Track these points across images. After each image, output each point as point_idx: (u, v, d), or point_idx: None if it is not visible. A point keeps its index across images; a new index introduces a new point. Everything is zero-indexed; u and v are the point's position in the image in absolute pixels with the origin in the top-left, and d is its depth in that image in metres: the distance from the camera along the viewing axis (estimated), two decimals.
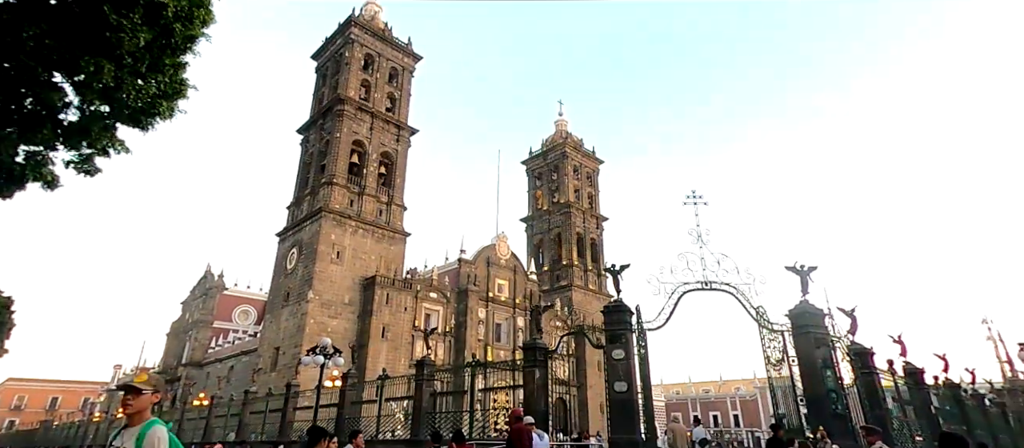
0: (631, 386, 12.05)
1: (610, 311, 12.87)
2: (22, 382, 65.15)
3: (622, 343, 12.42)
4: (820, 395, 11.10)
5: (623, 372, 12.19)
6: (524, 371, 13.84)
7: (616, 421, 11.97)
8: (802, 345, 11.65)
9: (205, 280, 59.27)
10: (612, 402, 12.18)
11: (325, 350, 14.95)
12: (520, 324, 52.77)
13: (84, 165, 11.45)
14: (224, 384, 46.54)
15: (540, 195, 65.99)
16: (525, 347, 14.48)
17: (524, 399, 13.61)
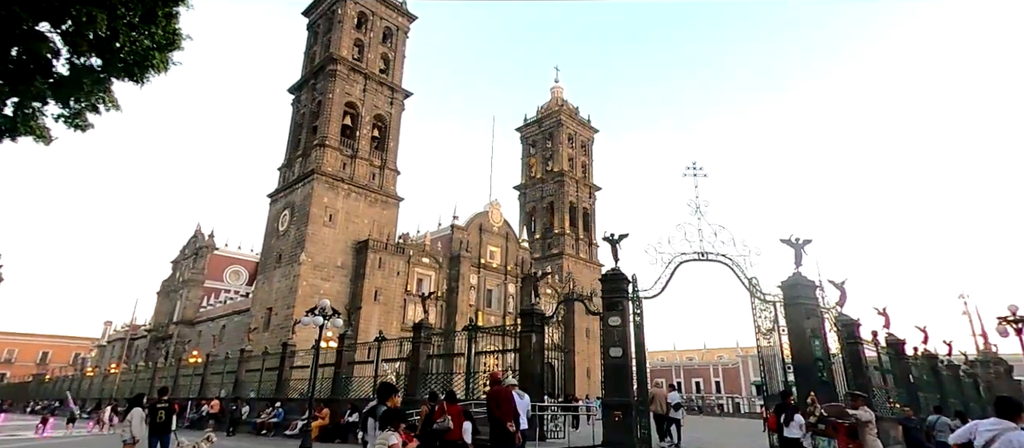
0: (626, 351, 12.40)
1: (608, 279, 13.09)
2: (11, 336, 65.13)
3: (619, 310, 12.70)
4: (808, 363, 11.53)
5: (619, 338, 12.51)
6: (521, 336, 14.14)
7: (610, 384, 12.37)
8: (793, 315, 12.01)
9: (195, 240, 58.87)
10: (607, 366, 12.54)
11: (324, 311, 15.09)
12: (511, 291, 53.43)
13: (75, 120, 11.19)
14: (217, 343, 46.85)
15: (534, 163, 65.72)
16: (522, 313, 14.74)
17: (520, 362, 13.96)
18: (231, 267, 58.55)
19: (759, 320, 13.06)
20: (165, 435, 9.72)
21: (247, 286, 56.64)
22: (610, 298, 12.93)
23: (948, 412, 12.66)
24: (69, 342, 71.30)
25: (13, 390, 54.29)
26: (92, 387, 39.28)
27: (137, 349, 58.95)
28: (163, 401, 10.04)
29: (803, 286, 12.24)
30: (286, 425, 19.06)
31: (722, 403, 60.49)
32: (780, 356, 12.21)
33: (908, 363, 15.12)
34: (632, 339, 12.57)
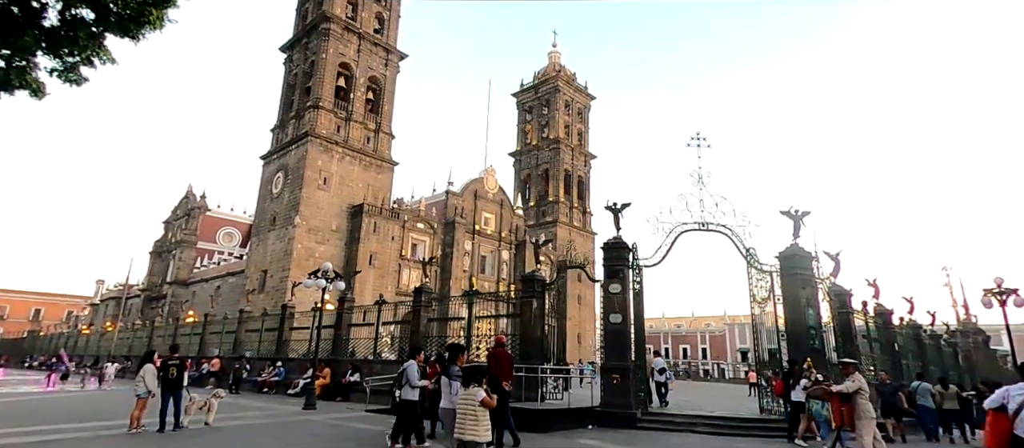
0: (625, 318, 12.72)
1: (610, 247, 13.29)
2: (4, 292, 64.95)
3: (619, 278, 12.95)
4: (801, 331, 11.92)
5: (619, 305, 12.81)
6: (522, 302, 14.40)
7: (610, 349, 12.74)
8: (789, 285, 12.33)
9: (187, 201, 58.25)
10: (607, 332, 12.89)
11: (326, 274, 15.22)
12: (505, 257, 53.86)
13: (68, 74, 10.94)
14: (214, 303, 47.08)
15: (529, 129, 65.14)
16: (524, 279, 14.97)
17: (521, 327, 14.26)
18: (224, 229, 58.22)
19: (755, 289, 13.39)
20: (177, 390, 9.94)
21: (240, 248, 56.53)
22: (611, 266, 13.16)
23: (930, 379, 13.25)
24: (62, 300, 71.32)
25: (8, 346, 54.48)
26: (88, 345, 39.52)
27: (131, 308, 59.04)
28: (174, 358, 10.22)
29: (800, 257, 12.52)
30: (288, 384, 19.45)
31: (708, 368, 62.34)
32: (775, 324, 12.59)
33: (894, 332, 15.69)
34: (631, 306, 12.87)
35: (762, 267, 13.06)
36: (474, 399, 5.23)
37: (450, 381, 5.86)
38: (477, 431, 5.13)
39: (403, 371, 7.88)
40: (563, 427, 11.33)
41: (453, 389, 5.80)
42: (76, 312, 67.09)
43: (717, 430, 11.46)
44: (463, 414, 5.17)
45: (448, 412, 5.79)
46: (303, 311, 22.58)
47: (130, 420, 9.60)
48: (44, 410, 13.23)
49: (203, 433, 9.63)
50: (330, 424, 11.52)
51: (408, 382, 7.68)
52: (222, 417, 11.23)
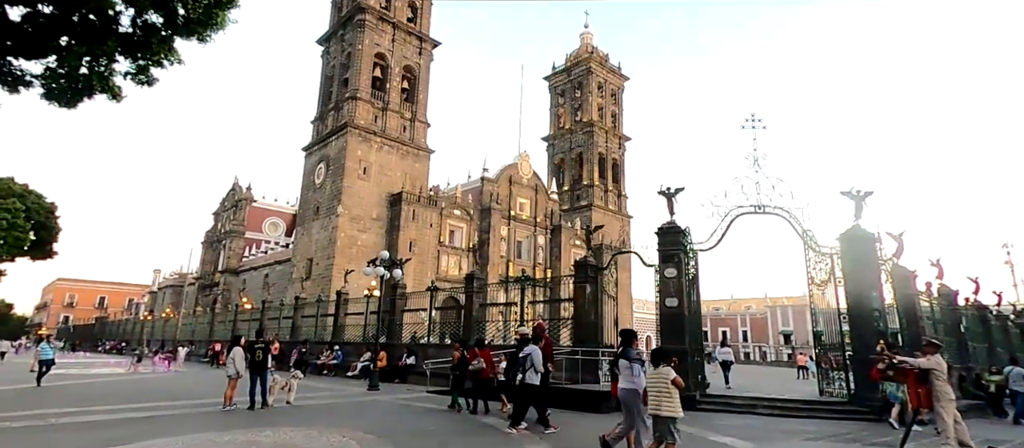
0: (681, 302, 12.83)
1: (664, 232, 13.36)
2: (72, 282, 69.74)
3: (674, 262, 13.03)
4: (864, 314, 11.75)
5: (674, 289, 12.92)
6: (575, 287, 14.66)
7: (666, 332, 12.90)
8: (851, 267, 12.13)
9: (234, 192, 60.70)
10: (663, 316, 13.04)
11: (384, 262, 15.83)
12: (540, 242, 54.12)
13: (140, 76, 11.72)
14: (269, 289, 49.27)
15: (562, 113, 64.66)
16: (577, 264, 15.21)
17: (575, 312, 14.55)
18: (269, 219, 60.48)
19: (813, 272, 13.24)
20: (263, 371, 10.69)
21: (285, 237, 58.65)
22: (666, 250, 13.24)
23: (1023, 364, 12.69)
24: (123, 288, 76.08)
25: (80, 331, 58.54)
26: (153, 330, 42.07)
27: (186, 296, 62.34)
28: (260, 342, 10.96)
29: (863, 238, 12.29)
30: (346, 366, 20.40)
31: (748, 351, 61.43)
32: (836, 307, 12.44)
33: (959, 314, 15.24)
34: (686, 290, 12.97)
35: (821, 249, 12.89)
36: (666, 378, 5.66)
37: (630, 363, 6.17)
38: (672, 407, 5.59)
39: (527, 356, 8.24)
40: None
41: (633, 371, 6.11)
42: (136, 300, 71.31)
43: (778, 412, 11.52)
44: (657, 393, 5.62)
45: (629, 392, 6.09)
46: (356, 298, 23.51)
47: (224, 398, 10.40)
48: (136, 390, 14.37)
49: (289, 411, 10.34)
50: (400, 404, 12.15)
51: (532, 366, 8.11)
52: (296, 397, 12.00)
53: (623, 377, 6.22)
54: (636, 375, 6.13)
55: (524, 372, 8.23)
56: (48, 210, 40.56)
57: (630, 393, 6.10)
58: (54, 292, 73.64)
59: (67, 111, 12.38)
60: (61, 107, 12.04)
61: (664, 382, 5.68)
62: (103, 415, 9.30)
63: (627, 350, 6.34)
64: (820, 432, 9.33)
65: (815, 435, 9.02)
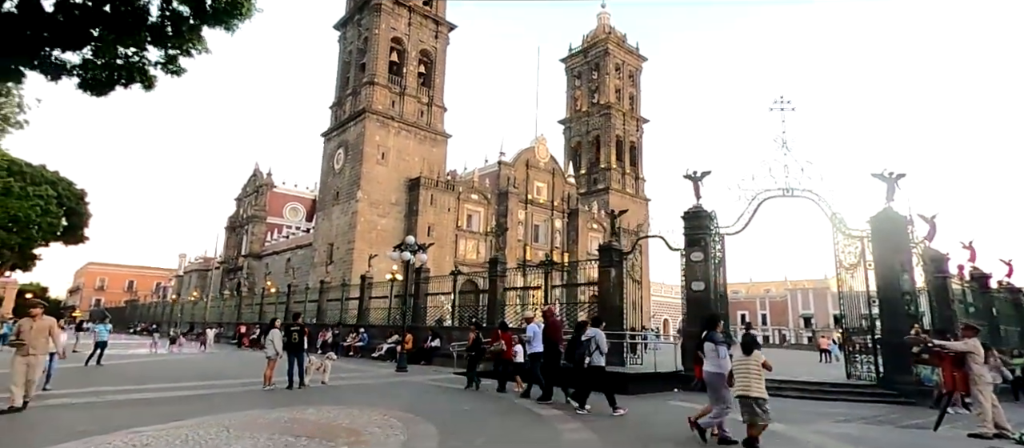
0: (708, 285, 12.87)
1: (690, 216, 13.34)
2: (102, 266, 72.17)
3: (701, 246, 13.04)
4: (894, 298, 11.66)
5: (700, 273, 12.95)
6: (599, 271, 14.76)
7: (693, 316, 12.96)
8: (882, 250, 12.00)
9: (255, 178, 61.70)
10: (689, 300, 13.09)
11: (410, 247, 16.09)
12: (557, 226, 54.14)
13: (170, 65, 12.02)
14: (294, 273, 50.30)
15: (579, 95, 64.04)
16: (601, 249, 15.29)
17: (599, 296, 14.67)
18: (290, 204, 61.45)
19: (842, 255, 13.14)
20: (300, 353, 11.07)
21: (306, 222, 59.59)
22: (692, 234, 13.24)
23: None
24: (151, 272, 78.56)
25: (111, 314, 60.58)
26: (182, 313, 43.36)
27: (211, 279, 63.94)
28: (296, 324, 11.33)
29: (894, 221, 12.13)
30: (371, 348, 20.89)
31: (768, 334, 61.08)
32: (866, 290, 12.35)
33: (991, 297, 15.01)
34: (712, 274, 12.98)
35: (851, 232, 12.76)
36: (756, 362, 5.91)
37: (716, 346, 6.33)
38: (762, 389, 5.89)
39: (591, 339, 8.59)
40: (651, 390, 11.78)
41: (720, 353, 6.28)
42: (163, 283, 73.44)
43: (806, 394, 11.58)
44: (747, 375, 5.88)
45: (716, 375, 6.27)
46: (380, 282, 23.93)
47: (264, 378, 10.81)
48: (178, 369, 14.96)
49: (325, 391, 10.71)
50: (431, 384, 12.47)
51: (598, 349, 8.48)
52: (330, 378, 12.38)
53: (709, 360, 6.35)
54: (722, 358, 6.29)
55: (590, 354, 8.55)
56: (78, 196, 41.81)
57: (716, 376, 6.29)
58: (86, 276, 76.34)
59: (97, 99, 12.82)
60: (94, 96, 12.45)
61: (755, 366, 5.91)
62: (154, 393, 9.76)
63: (713, 334, 6.45)
64: (850, 414, 9.38)
65: (846, 417, 9.08)
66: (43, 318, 7.75)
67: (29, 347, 7.44)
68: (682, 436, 7.26)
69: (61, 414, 7.45)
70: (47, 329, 7.81)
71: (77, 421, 6.89)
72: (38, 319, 7.66)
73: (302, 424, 6.92)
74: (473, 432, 6.98)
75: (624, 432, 7.22)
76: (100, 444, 5.38)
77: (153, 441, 5.61)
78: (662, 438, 6.95)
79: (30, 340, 7.49)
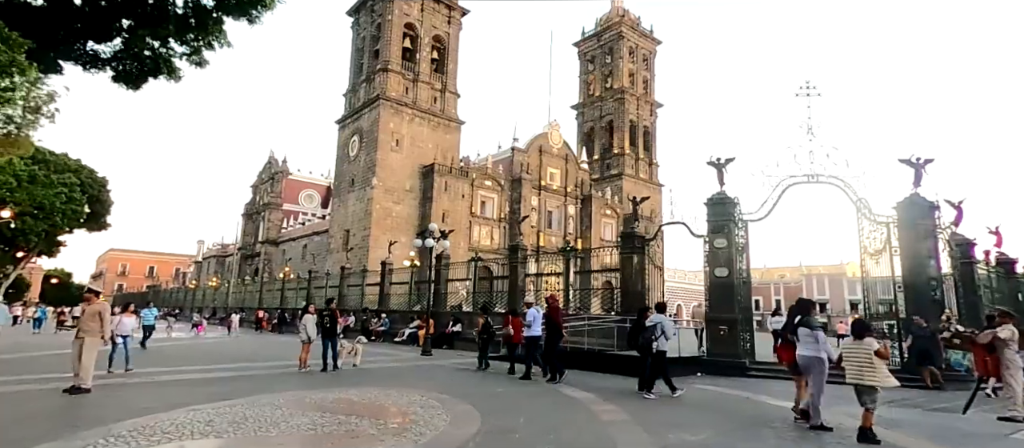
0: (731, 271, 12.95)
1: (714, 203, 13.38)
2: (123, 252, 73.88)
3: (725, 232, 13.10)
4: (921, 283, 11.66)
5: (724, 259, 13.03)
6: (622, 257, 14.91)
7: (716, 301, 13.09)
8: (908, 236, 11.97)
9: (270, 166, 62.35)
10: (713, 285, 13.19)
11: (433, 234, 16.34)
12: (570, 212, 54.16)
13: (193, 56, 12.29)
14: (300, 262, 51.05)
15: (592, 80, 63.50)
16: (623, 235, 15.42)
17: (622, 281, 14.84)
18: (305, 191, 62.09)
19: (866, 241, 13.11)
20: (333, 337, 11.41)
21: (321, 208, 60.24)
22: (716, 221, 13.29)
23: None
24: (170, 258, 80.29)
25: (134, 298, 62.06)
26: (204, 298, 44.33)
27: (229, 266, 65.07)
28: (328, 310, 11.66)
29: (921, 207, 12.07)
30: (393, 333, 21.30)
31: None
32: (891, 276, 12.35)
33: (1017, 282, 14.93)
34: (735, 260, 13.07)
35: (877, 218, 12.73)
36: (869, 349, 5.85)
37: (812, 331, 6.45)
38: (876, 377, 5.81)
39: (657, 324, 8.89)
40: (675, 373, 11.90)
41: (817, 339, 6.36)
42: (182, 269, 74.99)
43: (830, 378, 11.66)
44: (859, 363, 5.85)
45: (812, 358, 6.36)
46: (400, 268, 24.31)
47: (299, 361, 11.18)
48: (215, 352, 15.45)
49: (358, 373, 11.05)
50: (457, 368, 12.78)
51: (663, 334, 8.81)
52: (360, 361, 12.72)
53: (805, 344, 6.40)
54: (820, 343, 6.34)
55: (655, 340, 8.83)
56: (100, 184, 42.66)
57: (812, 360, 6.34)
58: (108, 262, 78.14)
59: (132, 92, 13.13)
60: (128, 88, 12.74)
61: (867, 352, 5.82)
62: (197, 374, 10.17)
63: (808, 319, 6.53)
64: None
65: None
66: (94, 303, 8.10)
67: (81, 330, 7.82)
68: (710, 416, 7.47)
69: (120, 393, 7.84)
70: (97, 313, 8.17)
71: (137, 399, 7.25)
72: (91, 304, 8.02)
73: (349, 404, 7.21)
74: (511, 413, 7.22)
75: (658, 414, 7.42)
76: (165, 420, 5.70)
77: (216, 417, 5.92)
78: (693, 420, 7.15)
79: (82, 324, 7.86)
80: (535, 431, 6.14)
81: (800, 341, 6.51)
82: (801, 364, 6.49)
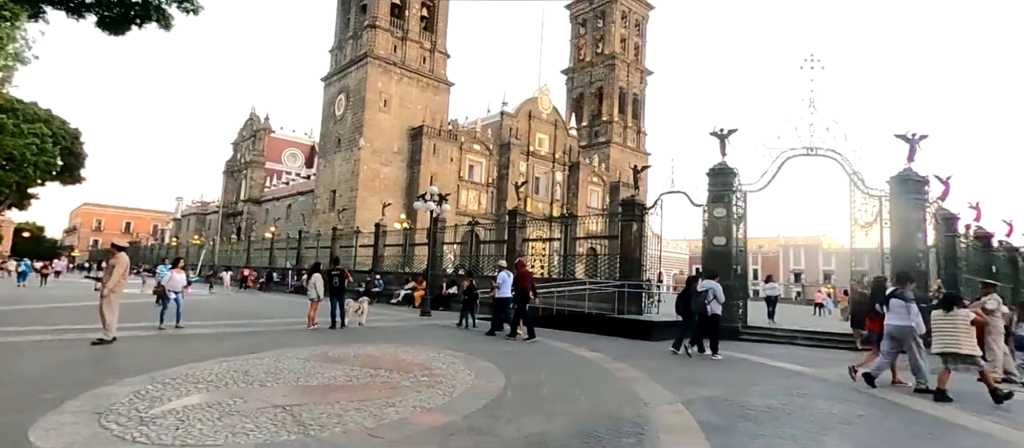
0: (729, 240, 13.36)
1: (715, 173, 13.65)
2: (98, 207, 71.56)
3: (724, 202, 13.44)
4: (908, 255, 12.23)
5: (722, 228, 13.42)
6: (622, 224, 15.19)
7: (711, 269, 13.49)
8: (900, 209, 12.46)
9: (251, 123, 60.56)
10: (709, 253, 13.61)
11: (433, 197, 16.33)
12: (558, 179, 54.25)
13: (186, 3, 11.86)
14: (284, 221, 50.40)
15: (583, 45, 62.62)
16: (623, 203, 15.66)
17: (621, 249, 15.16)
18: (288, 149, 60.68)
19: (857, 213, 13.60)
20: (341, 296, 11.52)
21: (305, 168, 59.12)
22: (716, 191, 13.59)
23: None
24: (147, 214, 78.21)
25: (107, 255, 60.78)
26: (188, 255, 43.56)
27: (209, 224, 63.89)
28: (337, 269, 11.72)
29: (914, 181, 12.54)
30: (389, 294, 21.47)
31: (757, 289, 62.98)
32: (880, 248, 12.90)
33: (992, 256, 15.75)
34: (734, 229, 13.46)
35: (870, 192, 13.18)
36: (964, 319, 6.21)
37: (906, 303, 6.71)
38: (972, 345, 6.18)
39: (709, 290, 9.63)
40: (671, 336, 12.43)
41: (910, 310, 6.68)
42: (161, 226, 73.30)
43: (816, 343, 12.35)
44: (953, 333, 6.18)
45: (903, 328, 6.70)
46: (393, 230, 24.28)
47: (308, 318, 11.30)
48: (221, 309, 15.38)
49: (367, 331, 11.22)
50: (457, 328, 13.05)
51: (716, 298, 9.55)
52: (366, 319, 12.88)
53: (896, 314, 6.76)
54: (912, 314, 6.68)
55: (708, 304, 9.54)
56: (73, 136, 41.02)
57: (904, 329, 6.70)
58: (82, 216, 75.73)
59: (114, 37, 12.65)
60: (111, 34, 12.29)
61: (963, 322, 6.18)
62: (208, 329, 10.22)
63: (902, 291, 6.86)
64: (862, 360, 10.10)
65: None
66: (113, 257, 8.04)
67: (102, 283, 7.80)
68: (718, 375, 7.89)
69: (145, 345, 7.89)
70: (112, 267, 8.12)
71: (165, 350, 7.32)
72: (111, 258, 7.96)
73: (373, 359, 7.40)
74: (530, 370, 7.51)
75: (669, 372, 7.80)
76: (203, 369, 5.79)
77: (251, 369, 6.05)
78: (703, 377, 7.55)
79: (103, 278, 7.83)
80: (560, 385, 6.43)
81: (892, 311, 6.86)
82: (895, 334, 6.82)
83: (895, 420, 5.53)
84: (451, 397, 5.41)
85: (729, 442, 4.36)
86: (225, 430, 3.76)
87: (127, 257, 8.41)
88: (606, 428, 4.48)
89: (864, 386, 6.91)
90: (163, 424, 3.81)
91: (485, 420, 4.55)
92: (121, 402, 4.32)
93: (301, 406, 4.57)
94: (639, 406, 5.44)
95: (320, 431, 3.91)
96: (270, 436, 3.71)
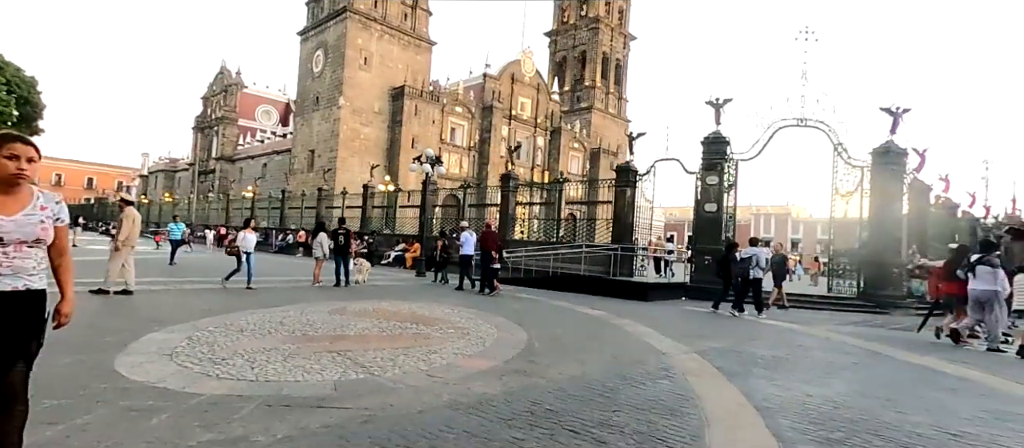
0: (720, 207, 13.91)
1: (709, 142, 14.06)
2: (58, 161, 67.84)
3: (717, 171, 13.91)
4: (886, 224, 13.04)
5: (714, 196, 13.94)
6: (616, 190, 15.55)
7: (702, 234, 14.11)
8: (881, 180, 13.18)
9: (222, 77, 57.93)
10: (700, 219, 14.16)
11: (430, 159, 16.29)
12: (540, 144, 54.20)
13: None
14: (261, 181, 49.13)
15: (567, 6, 61.56)
16: (618, 169, 15.97)
17: (615, 213, 15.57)
18: (262, 106, 58.51)
19: (839, 183, 14.30)
20: (345, 255, 11.62)
21: (281, 126, 57.29)
22: (709, 159, 14.03)
23: None
24: (112, 170, 74.64)
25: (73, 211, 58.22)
26: (162, 214, 42.28)
27: (179, 181, 61.72)
28: (342, 229, 11.76)
29: (895, 153, 13.23)
30: (380, 255, 21.52)
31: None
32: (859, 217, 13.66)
33: (956, 223, 16.88)
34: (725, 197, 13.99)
35: (853, 162, 13.83)
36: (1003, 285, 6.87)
37: (992, 270, 7.19)
38: None
39: (752, 256, 10.20)
40: (663, 297, 13.07)
41: (996, 277, 7.19)
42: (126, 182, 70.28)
43: (800, 305, 13.15)
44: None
45: (989, 292, 7.21)
46: (380, 192, 24.13)
47: (313, 276, 11.39)
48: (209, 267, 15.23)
49: (372, 289, 11.40)
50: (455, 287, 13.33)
51: (758, 264, 10.13)
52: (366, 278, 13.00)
53: (982, 280, 7.27)
54: (1000, 280, 7.19)
55: (752, 269, 10.15)
56: (29, 84, 38.54)
57: (989, 293, 7.24)
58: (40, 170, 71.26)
59: None
60: None
61: None
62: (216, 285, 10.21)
63: (989, 258, 7.32)
64: (844, 320, 10.90)
65: (841, 322, 10.57)
66: (123, 211, 7.94)
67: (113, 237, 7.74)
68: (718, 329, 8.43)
69: (168, 297, 7.94)
70: (120, 220, 8.04)
71: (193, 302, 7.37)
72: (120, 212, 7.86)
73: (393, 314, 7.62)
74: (545, 325, 7.87)
75: (675, 327, 8.29)
76: (239, 319, 5.92)
77: (285, 319, 6.20)
78: (708, 331, 8.07)
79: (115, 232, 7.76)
80: (578, 338, 6.82)
81: (977, 277, 7.37)
82: (980, 298, 7.35)
83: (884, 367, 6.14)
84: (485, 346, 5.71)
85: (749, 383, 4.82)
86: (297, 370, 3.96)
87: (136, 211, 8.29)
88: (637, 372, 4.87)
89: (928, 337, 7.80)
90: (236, 363, 3.98)
91: (526, 364, 4.87)
92: (181, 345, 4.46)
93: (352, 353, 4.80)
94: (658, 355, 5.86)
95: (382, 372, 4.16)
96: (342, 374, 3.94)
